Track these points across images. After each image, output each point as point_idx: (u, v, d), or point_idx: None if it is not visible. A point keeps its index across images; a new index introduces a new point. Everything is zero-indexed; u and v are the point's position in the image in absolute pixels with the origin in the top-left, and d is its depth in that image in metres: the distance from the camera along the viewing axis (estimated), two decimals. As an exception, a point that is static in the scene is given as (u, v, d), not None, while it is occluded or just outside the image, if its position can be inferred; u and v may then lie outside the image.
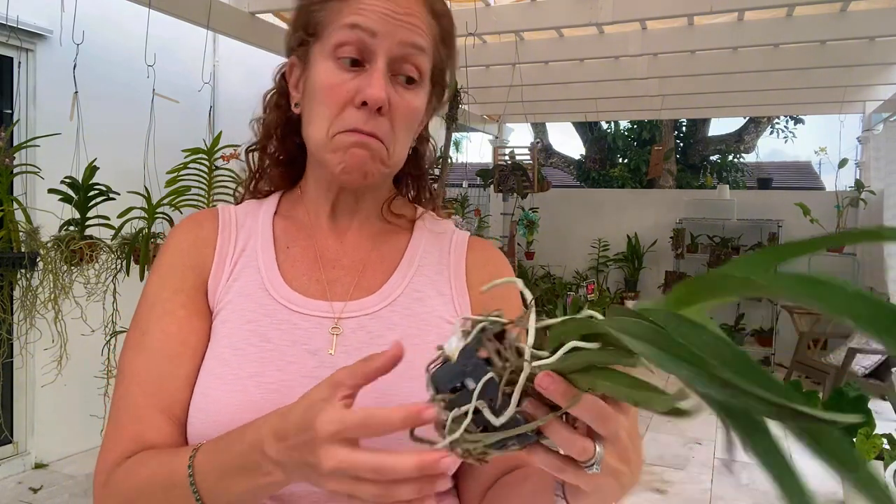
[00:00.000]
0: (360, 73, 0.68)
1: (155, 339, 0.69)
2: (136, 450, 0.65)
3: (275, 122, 0.79)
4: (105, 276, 2.51)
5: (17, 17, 3.04)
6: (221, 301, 0.72)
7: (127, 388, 0.68)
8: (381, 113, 0.67)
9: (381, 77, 0.67)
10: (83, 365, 2.88)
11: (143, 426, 0.66)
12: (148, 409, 0.67)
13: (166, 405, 0.67)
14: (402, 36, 0.68)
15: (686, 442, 4.35)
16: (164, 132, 3.09)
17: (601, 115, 7.26)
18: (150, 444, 0.65)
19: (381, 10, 0.67)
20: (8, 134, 2.34)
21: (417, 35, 0.69)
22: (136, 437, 0.66)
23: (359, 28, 0.67)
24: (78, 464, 3.65)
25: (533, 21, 3.95)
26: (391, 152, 0.70)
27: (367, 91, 0.66)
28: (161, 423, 0.66)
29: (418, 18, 0.69)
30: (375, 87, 0.66)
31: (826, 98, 5.85)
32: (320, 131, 0.69)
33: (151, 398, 0.67)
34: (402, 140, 0.72)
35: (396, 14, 0.67)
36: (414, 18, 0.68)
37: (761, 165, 11.55)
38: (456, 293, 0.76)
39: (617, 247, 7.48)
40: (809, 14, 3.96)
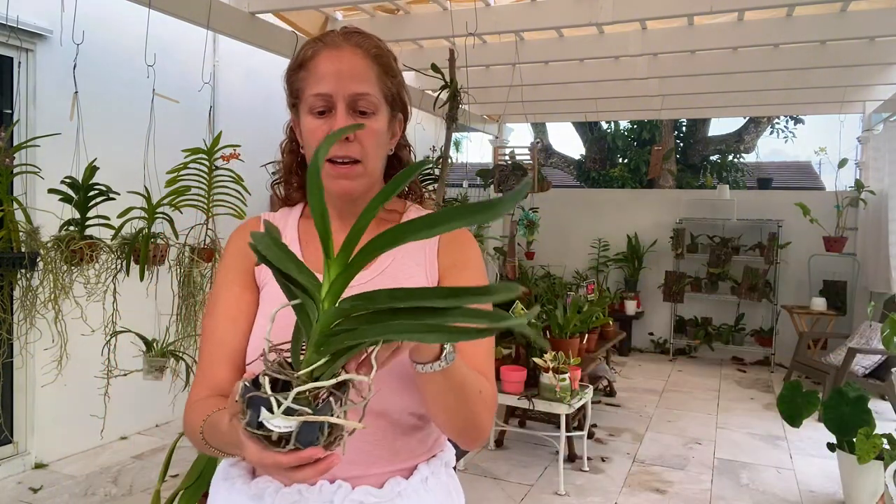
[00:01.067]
0: (329, 117, 0.95)
1: (220, 308, 0.99)
2: (210, 388, 0.95)
3: (291, 162, 1.09)
4: (105, 276, 2.51)
5: (17, 17, 3.04)
6: (264, 280, 1.01)
7: (204, 344, 0.99)
8: (349, 141, 0.93)
9: (342, 118, 0.94)
10: (83, 365, 2.88)
11: (214, 371, 0.96)
12: (217, 357, 0.97)
13: (229, 354, 0.97)
14: (350, 88, 0.94)
15: (686, 442, 4.35)
16: (164, 132, 3.09)
17: (601, 115, 7.26)
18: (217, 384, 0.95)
19: (332, 73, 0.95)
20: (8, 134, 2.33)
21: (360, 83, 0.95)
22: (209, 380, 0.96)
23: (321, 95, 0.95)
24: (78, 464, 3.65)
25: (533, 21, 3.95)
26: (367, 166, 0.96)
27: (333, 129, 0.92)
28: (225, 368, 0.96)
29: (359, 68, 0.95)
30: (339, 125, 0.93)
31: (826, 98, 5.85)
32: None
33: (219, 349, 0.97)
34: (372, 155, 0.97)
35: (342, 73, 0.94)
36: (355, 70, 0.95)
37: (761, 165, 11.55)
38: (428, 265, 1.00)
39: (617, 247, 7.48)
40: (809, 14, 3.96)
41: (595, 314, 4.39)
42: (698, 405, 5.24)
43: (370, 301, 0.60)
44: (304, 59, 0.98)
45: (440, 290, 0.59)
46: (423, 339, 0.59)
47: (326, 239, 0.63)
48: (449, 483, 1.04)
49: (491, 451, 4.08)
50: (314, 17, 4.15)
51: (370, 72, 0.96)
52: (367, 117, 0.95)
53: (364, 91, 0.95)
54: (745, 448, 4.26)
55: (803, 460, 4.05)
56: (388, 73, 0.98)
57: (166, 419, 4.29)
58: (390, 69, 0.99)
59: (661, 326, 7.31)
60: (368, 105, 0.95)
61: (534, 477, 3.69)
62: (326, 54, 0.96)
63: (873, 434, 3.04)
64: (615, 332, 5.35)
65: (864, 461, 3.02)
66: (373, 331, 0.60)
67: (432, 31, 4.20)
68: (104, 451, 3.85)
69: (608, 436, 4.41)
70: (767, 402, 5.32)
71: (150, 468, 3.63)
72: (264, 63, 4.53)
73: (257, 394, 0.59)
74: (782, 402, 3.52)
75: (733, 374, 6.39)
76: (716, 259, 6.84)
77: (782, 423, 4.46)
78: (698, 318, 7.08)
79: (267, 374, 0.60)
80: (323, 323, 0.60)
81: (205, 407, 0.90)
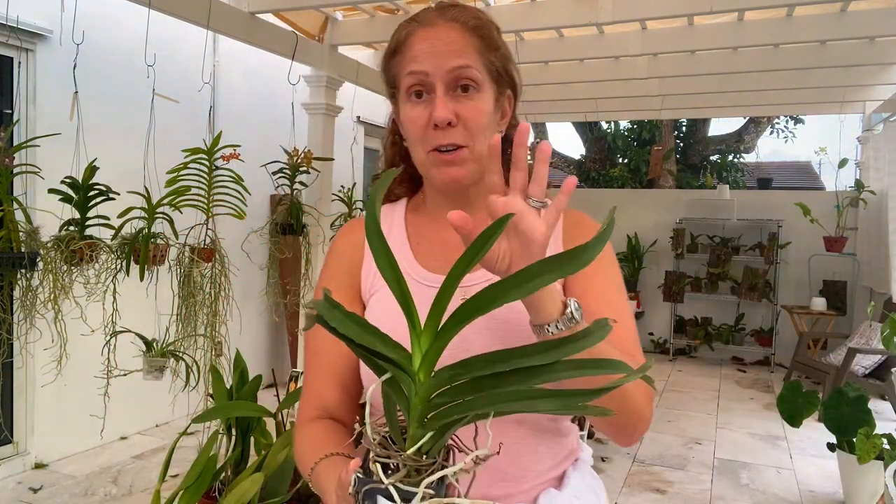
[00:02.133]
0: (429, 101, 0.87)
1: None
2: (318, 408, 0.92)
3: (393, 156, 1.01)
4: (105, 276, 2.51)
5: (17, 17, 3.04)
6: (375, 286, 0.94)
7: (310, 363, 0.96)
8: (451, 126, 0.85)
9: (442, 100, 0.85)
10: (83, 365, 2.88)
11: (322, 391, 0.93)
12: (324, 378, 0.94)
13: (335, 374, 0.93)
14: (448, 64, 0.86)
15: (686, 442, 4.35)
16: (164, 132, 3.09)
17: (601, 115, 7.26)
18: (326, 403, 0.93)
19: (428, 50, 0.87)
20: (8, 134, 2.33)
21: (459, 58, 0.86)
22: (318, 399, 0.93)
23: (416, 73, 0.87)
24: (78, 464, 3.65)
25: (533, 21, 3.94)
26: (474, 150, 0.87)
27: (434, 115, 0.85)
28: (333, 387, 0.93)
29: (457, 43, 0.87)
30: (439, 110, 0.85)
31: (826, 98, 5.84)
32: (419, 155, 0.90)
33: (326, 370, 0.94)
34: (479, 137, 0.88)
35: (438, 48, 0.86)
36: (453, 45, 0.86)
37: (761, 165, 11.56)
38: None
39: (617, 247, 7.44)
40: (809, 14, 3.95)
41: (595, 314, 4.39)
42: (698, 405, 5.24)
43: (468, 368, 0.57)
44: (399, 42, 0.91)
45: (537, 346, 0.56)
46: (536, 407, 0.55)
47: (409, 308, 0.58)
48: (595, 484, 0.99)
49: (491, 451, 4.07)
50: (314, 17, 4.15)
51: (469, 45, 0.87)
52: (470, 94, 0.87)
53: (463, 63, 0.86)
54: (745, 448, 4.26)
55: (803, 460, 4.05)
56: (490, 47, 0.90)
57: (166, 419, 4.29)
58: (492, 41, 0.90)
59: (661, 326, 7.31)
60: (471, 80, 0.86)
61: (534, 477, 3.69)
62: (421, 34, 0.88)
63: (873, 434, 3.04)
64: (615, 332, 5.34)
65: (864, 461, 3.02)
66: (479, 403, 0.56)
67: (432, 31, 4.19)
68: (104, 451, 3.85)
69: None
70: (767, 402, 5.32)
71: (150, 468, 3.63)
72: (264, 63, 4.54)
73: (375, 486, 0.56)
74: (782, 402, 3.52)
75: (733, 374, 6.39)
76: (716, 259, 6.84)
77: (782, 423, 4.46)
78: (698, 318, 7.08)
79: (378, 461, 0.57)
80: (422, 396, 0.57)
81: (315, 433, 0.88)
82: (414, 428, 0.58)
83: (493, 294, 0.56)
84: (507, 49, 0.93)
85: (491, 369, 0.56)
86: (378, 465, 0.57)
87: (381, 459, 0.57)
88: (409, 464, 0.56)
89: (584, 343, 0.57)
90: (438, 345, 0.57)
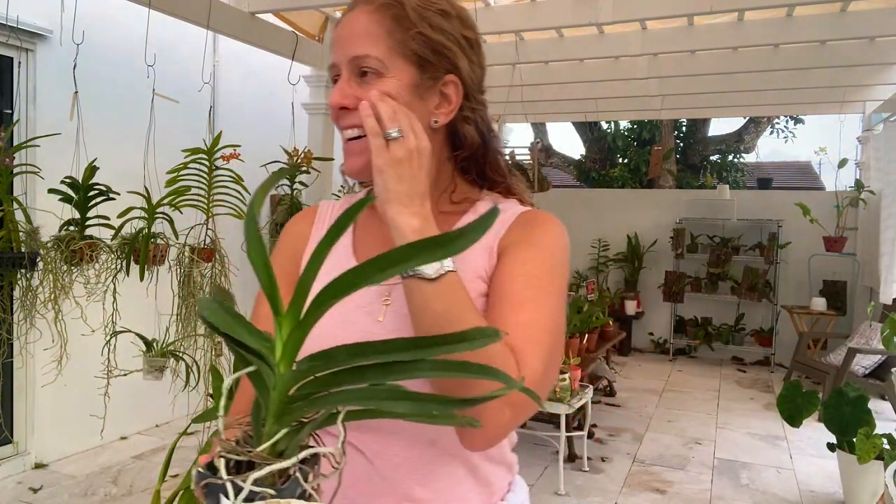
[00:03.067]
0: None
1: (260, 317, 0.86)
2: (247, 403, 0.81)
3: None
4: (105, 276, 2.51)
5: (17, 17, 3.04)
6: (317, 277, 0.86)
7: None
8: (348, 109, 0.82)
9: (339, 86, 0.83)
10: (83, 365, 2.88)
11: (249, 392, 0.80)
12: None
13: None
14: (348, 52, 0.83)
15: (686, 442, 4.35)
16: (164, 132, 3.09)
17: (601, 115, 7.26)
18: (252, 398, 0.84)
19: (336, 38, 0.85)
20: (8, 134, 2.33)
21: (358, 45, 0.82)
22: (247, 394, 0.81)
23: (331, 66, 0.86)
24: (78, 464, 3.65)
25: (533, 21, 3.95)
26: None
27: (329, 100, 0.85)
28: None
29: (359, 27, 0.83)
30: (332, 94, 0.84)
31: (826, 98, 5.85)
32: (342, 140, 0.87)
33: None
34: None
35: (342, 37, 0.84)
36: (355, 33, 0.83)
37: (761, 165, 11.55)
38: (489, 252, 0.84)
39: (617, 247, 7.48)
40: (809, 14, 3.96)
41: (595, 314, 4.39)
42: (698, 405, 5.24)
43: (328, 360, 0.53)
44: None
45: (405, 342, 0.52)
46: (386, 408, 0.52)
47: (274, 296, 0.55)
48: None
49: (491, 451, 4.08)
50: (314, 17, 4.15)
51: (375, 28, 0.81)
52: (368, 79, 0.81)
53: (360, 53, 0.81)
54: (745, 448, 4.26)
55: (803, 460, 4.05)
56: (402, 27, 0.81)
57: (166, 419, 4.29)
58: (405, 20, 0.81)
59: (661, 326, 7.31)
60: (368, 66, 0.81)
61: (534, 477, 3.69)
62: (340, 22, 0.86)
63: (873, 434, 3.04)
64: (615, 332, 5.35)
65: (864, 461, 3.02)
66: (330, 400, 0.53)
67: (432, 31, 4.20)
68: (104, 451, 3.85)
69: (608, 436, 4.41)
70: (767, 402, 5.32)
71: (150, 468, 3.63)
72: (264, 63, 4.54)
73: (213, 480, 0.52)
74: (782, 402, 3.52)
75: (733, 374, 6.39)
76: (716, 259, 6.84)
77: (782, 423, 4.46)
78: (698, 318, 7.08)
79: (222, 456, 0.53)
80: (280, 390, 0.54)
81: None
82: (270, 424, 0.54)
83: (354, 277, 0.53)
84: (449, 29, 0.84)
85: (352, 362, 0.53)
86: (222, 461, 0.52)
87: (228, 455, 0.53)
88: (259, 462, 0.52)
89: (459, 347, 0.53)
90: (299, 333, 0.54)
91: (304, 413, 0.54)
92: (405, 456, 0.81)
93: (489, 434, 0.74)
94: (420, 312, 0.72)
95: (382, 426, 0.80)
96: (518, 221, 0.87)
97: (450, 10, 0.85)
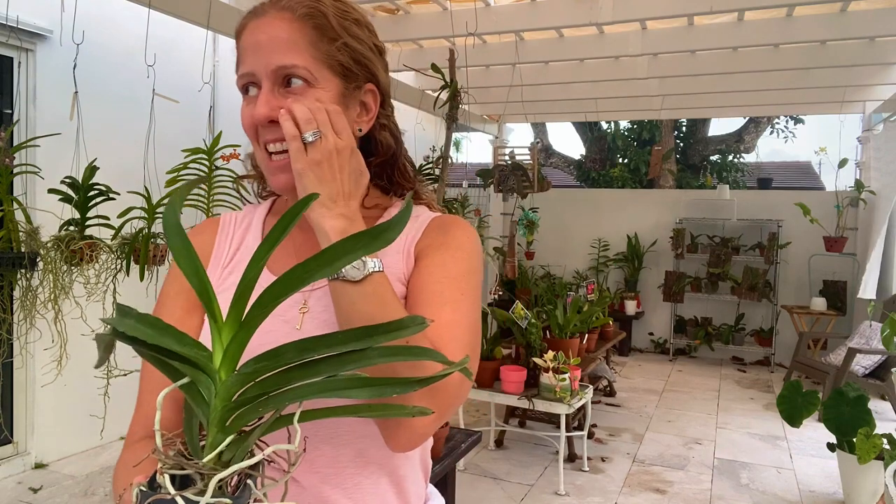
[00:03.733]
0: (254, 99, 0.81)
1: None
2: (149, 427, 0.80)
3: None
4: (105, 276, 2.51)
5: (17, 17, 3.04)
6: (220, 286, 0.86)
7: (144, 377, 0.84)
8: (272, 122, 0.79)
9: (263, 96, 0.79)
10: (83, 365, 2.87)
11: (150, 409, 0.82)
12: (154, 394, 0.79)
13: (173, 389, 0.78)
14: (271, 61, 0.79)
15: (686, 442, 4.35)
16: (164, 132, 3.09)
17: (601, 115, 7.26)
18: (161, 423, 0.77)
19: (252, 46, 0.81)
20: (8, 134, 2.33)
21: (283, 54, 0.78)
22: (145, 418, 0.82)
23: (245, 74, 0.81)
24: (78, 464, 3.65)
25: (533, 21, 3.95)
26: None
27: (254, 112, 0.80)
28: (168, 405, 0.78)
29: (282, 35, 0.79)
30: (257, 107, 0.79)
31: (826, 98, 5.85)
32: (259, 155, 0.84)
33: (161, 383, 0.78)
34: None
35: (261, 44, 0.79)
36: (277, 41, 0.79)
37: (761, 165, 11.54)
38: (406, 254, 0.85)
39: (617, 247, 7.48)
40: (809, 14, 3.96)
41: (595, 314, 4.39)
42: (698, 405, 5.24)
43: (277, 359, 0.52)
44: (236, 35, 0.85)
45: (350, 333, 0.53)
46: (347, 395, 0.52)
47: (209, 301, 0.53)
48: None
49: (491, 451, 4.08)
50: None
51: (297, 38, 0.79)
52: (294, 89, 0.79)
53: (288, 63, 0.78)
54: (745, 448, 4.26)
55: (803, 460, 4.05)
56: (326, 37, 0.80)
57: (166, 419, 4.29)
58: (329, 30, 0.80)
59: (661, 326, 7.31)
60: (295, 76, 0.79)
61: (534, 477, 3.69)
62: (251, 27, 0.82)
63: (873, 434, 3.04)
64: (615, 332, 5.35)
65: (864, 461, 3.02)
66: (285, 397, 0.52)
67: (432, 31, 4.20)
68: (104, 451, 3.85)
69: (608, 436, 4.42)
70: (767, 402, 5.32)
71: (150, 468, 3.63)
72: (264, 63, 4.53)
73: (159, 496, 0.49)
74: (782, 402, 3.52)
75: (733, 374, 6.39)
76: (716, 259, 6.84)
77: (782, 423, 4.46)
78: (698, 318, 7.08)
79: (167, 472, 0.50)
80: (223, 396, 0.52)
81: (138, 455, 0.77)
82: (214, 433, 0.52)
83: (300, 274, 0.53)
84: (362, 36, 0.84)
85: (301, 358, 0.52)
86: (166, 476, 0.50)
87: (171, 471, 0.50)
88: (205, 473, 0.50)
89: (397, 334, 0.54)
90: (243, 336, 0.52)
91: (251, 418, 0.52)
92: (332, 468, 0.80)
93: (416, 432, 0.74)
94: (348, 315, 0.71)
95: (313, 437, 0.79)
96: (432, 225, 0.88)
97: (361, 18, 0.85)
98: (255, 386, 0.52)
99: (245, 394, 0.52)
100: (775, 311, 6.69)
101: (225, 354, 0.52)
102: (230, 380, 0.52)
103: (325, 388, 0.53)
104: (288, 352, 0.52)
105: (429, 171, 3.87)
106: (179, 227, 0.57)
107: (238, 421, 0.52)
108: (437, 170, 3.58)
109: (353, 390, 0.52)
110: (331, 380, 0.52)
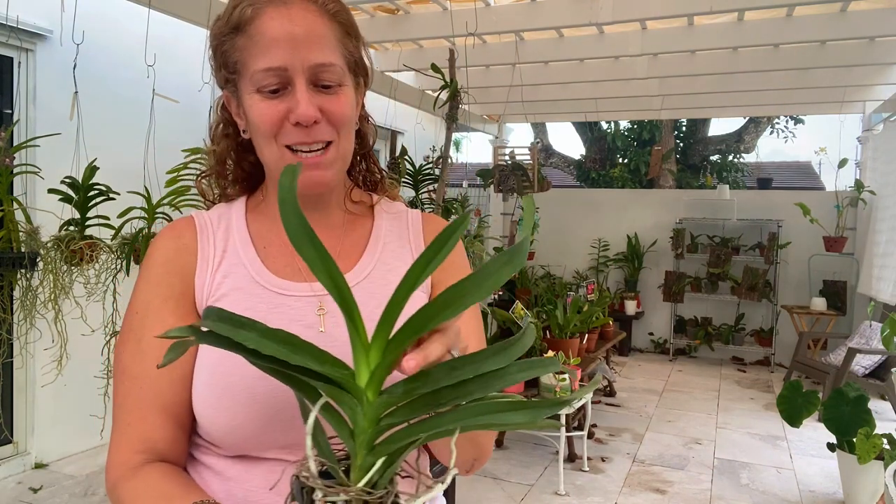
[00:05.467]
0: (285, 95, 0.75)
1: (151, 346, 0.77)
2: (143, 451, 0.75)
3: (226, 149, 0.87)
4: (105, 276, 2.51)
5: (17, 17, 3.04)
6: (214, 296, 0.80)
7: (129, 391, 0.77)
8: (316, 123, 0.75)
9: (305, 96, 0.74)
10: (83, 365, 2.88)
11: (148, 426, 0.76)
12: (151, 409, 0.76)
13: (167, 405, 0.76)
14: (310, 58, 0.74)
15: (686, 442, 4.35)
16: (164, 132, 3.09)
17: (601, 115, 7.26)
18: (155, 443, 0.75)
19: (283, 37, 0.73)
20: (8, 134, 2.33)
21: (321, 51, 0.75)
22: (142, 436, 0.76)
23: (273, 70, 0.73)
24: (78, 464, 3.65)
25: (533, 21, 3.95)
26: (341, 148, 0.79)
27: (297, 112, 0.74)
28: (163, 422, 0.76)
29: (318, 30, 0.75)
30: (303, 106, 0.74)
31: (826, 98, 5.85)
32: (271, 152, 0.78)
33: (154, 399, 0.76)
34: (346, 135, 0.80)
35: (297, 37, 0.73)
36: (314, 34, 0.75)
37: (761, 165, 11.54)
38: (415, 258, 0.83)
39: (617, 247, 7.48)
40: (809, 14, 3.96)
41: (595, 314, 4.39)
42: (698, 405, 5.24)
43: (426, 381, 0.51)
44: (243, 20, 0.75)
45: (489, 351, 0.52)
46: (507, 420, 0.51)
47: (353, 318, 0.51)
48: None
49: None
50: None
51: (330, 34, 0.76)
52: (333, 92, 0.77)
53: (327, 61, 0.75)
54: (745, 448, 4.26)
55: (803, 460, 4.05)
56: (349, 34, 0.79)
57: (166, 419, 4.29)
58: (352, 28, 0.80)
59: (661, 326, 7.31)
60: (332, 77, 0.76)
61: (534, 477, 3.69)
62: (272, 13, 0.74)
63: (873, 434, 3.04)
64: (615, 332, 5.35)
65: (864, 461, 3.02)
66: (443, 421, 0.51)
67: (432, 31, 4.20)
68: (104, 451, 3.83)
69: (608, 436, 4.41)
70: (767, 402, 5.32)
71: (150, 468, 3.63)
72: (264, 63, 4.53)
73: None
74: (782, 402, 3.52)
75: (733, 374, 6.39)
76: (716, 259, 6.84)
77: (782, 423, 4.46)
78: (698, 318, 7.08)
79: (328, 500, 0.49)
80: (371, 418, 0.51)
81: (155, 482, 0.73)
82: (363, 456, 0.50)
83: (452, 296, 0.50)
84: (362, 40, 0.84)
85: (451, 379, 0.51)
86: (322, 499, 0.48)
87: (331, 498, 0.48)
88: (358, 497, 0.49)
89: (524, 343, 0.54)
90: (390, 357, 0.51)
91: (404, 440, 0.51)
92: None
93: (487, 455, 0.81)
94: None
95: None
96: (429, 227, 0.90)
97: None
98: (403, 407, 0.51)
99: (390, 416, 0.51)
100: (775, 311, 6.69)
101: (372, 376, 0.51)
102: (378, 401, 0.51)
103: (482, 411, 0.52)
104: (438, 372, 0.52)
105: (429, 171, 3.87)
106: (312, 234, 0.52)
107: (389, 443, 0.51)
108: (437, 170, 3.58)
109: (511, 413, 0.52)
110: (486, 403, 0.52)
